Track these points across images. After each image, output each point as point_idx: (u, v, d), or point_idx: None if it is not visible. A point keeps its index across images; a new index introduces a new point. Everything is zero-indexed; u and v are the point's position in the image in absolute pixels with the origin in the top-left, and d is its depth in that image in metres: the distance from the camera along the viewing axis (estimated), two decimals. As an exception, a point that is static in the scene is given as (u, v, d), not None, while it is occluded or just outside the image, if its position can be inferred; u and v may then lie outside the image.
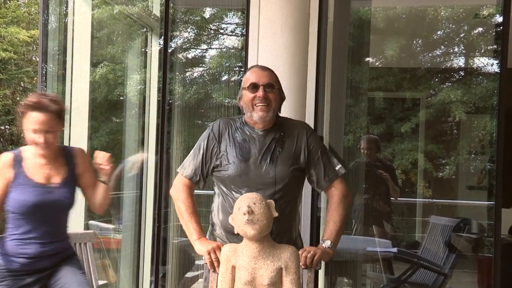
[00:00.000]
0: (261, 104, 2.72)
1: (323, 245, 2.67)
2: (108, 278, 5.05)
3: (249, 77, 2.79)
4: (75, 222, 4.72)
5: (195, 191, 2.89)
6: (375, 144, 5.61)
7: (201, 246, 2.67)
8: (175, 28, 5.27)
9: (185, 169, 2.86)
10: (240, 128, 2.81)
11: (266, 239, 2.40)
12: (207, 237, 2.82)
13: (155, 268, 4.59)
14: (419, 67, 9.25)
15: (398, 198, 6.45)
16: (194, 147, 2.87)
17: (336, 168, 2.81)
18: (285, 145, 2.76)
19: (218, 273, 2.58)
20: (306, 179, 2.86)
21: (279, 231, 2.68)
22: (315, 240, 3.76)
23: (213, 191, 2.88)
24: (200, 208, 2.93)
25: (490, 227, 5.99)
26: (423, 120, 8.49)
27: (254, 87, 2.75)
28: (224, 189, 2.75)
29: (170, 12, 4.65)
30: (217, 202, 2.81)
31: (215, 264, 2.60)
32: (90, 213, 5.17)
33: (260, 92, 2.73)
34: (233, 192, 2.70)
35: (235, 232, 2.46)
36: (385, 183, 5.42)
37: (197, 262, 4.91)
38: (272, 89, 2.76)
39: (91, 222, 5.17)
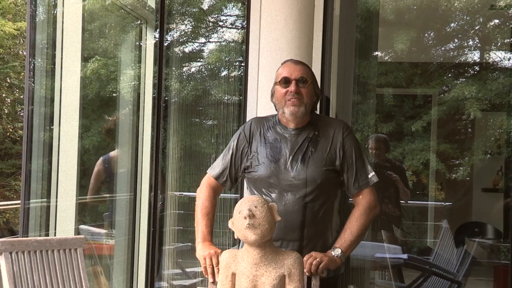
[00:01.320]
0: (292, 99, 2.74)
1: (332, 252, 2.68)
2: (100, 286, 5.06)
3: (282, 72, 2.82)
4: (65, 226, 4.74)
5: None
6: (384, 143, 5.62)
7: (200, 250, 2.69)
8: (171, 20, 5.27)
9: (213, 169, 2.90)
10: (273, 127, 2.83)
11: (268, 244, 2.40)
12: (240, 244, 2.84)
13: (150, 276, 4.60)
14: (431, 62, 9.25)
15: (409, 201, 6.45)
16: (226, 147, 2.91)
17: (369, 176, 2.81)
18: (318, 145, 2.77)
19: (212, 281, 2.60)
20: None
21: (311, 236, 2.70)
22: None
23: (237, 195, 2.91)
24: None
25: (507, 232, 6.00)
26: (435, 118, 8.49)
27: (286, 81, 2.77)
28: (255, 191, 2.79)
29: (166, 3, 4.66)
30: None
31: (209, 270, 2.62)
32: (80, 217, 5.18)
33: (292, 87, 2.75)
34: (264, 196, 2.72)
35: (235, 237, 2.47)
36: (395, 185, 5.43)
37: (193, 269, 4.92)
38: (305, 84, 2.78)
39: (82, 226, 5.18)
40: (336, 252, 2.68)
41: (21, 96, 13.56)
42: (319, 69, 3.82)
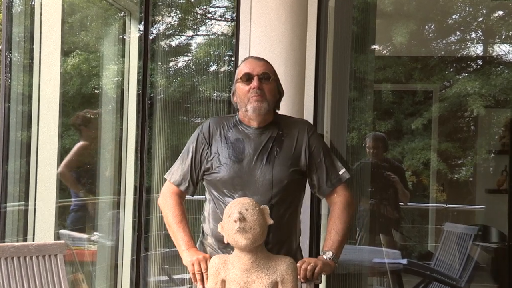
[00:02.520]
0: (255, 96, 2.75)
1: (324, 256, 2.69)
2: (82, 294, 5.05)
3: (243, 68, 2.82)
4: (44, 231, 4.73)
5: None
6: (382, 142, 5.64)
7: (187, 257, 2.69)
8: (156, 12, 5.27)
9: (172, 175, 2.90)
10: (234, 127, 2.84)
11: (259, 249, 2.40)
12: (197, 246, 2.84)
13: (135, 283, 4.60)
14: (431, 56, 9.28)
15: (408, 203, 6.47)
16: (183, 150, 2.90)
17: (340, 173, 2.84)
18: (283, 145, 2.79)
19: (203, 288, 2.60)
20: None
21: (277, 241, 2.70)
22: (315, 251, 3.78)
23: (204, 197, 2.91)
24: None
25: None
26: (436, 115, 8.51)
27: (248, 78, 2.78)
28: (216, 193, 2.78)
29: (151, -6, 4.65)
30: (208, 208, 2.84)
31: (198, 276, 2.62)
32: (61, 222, 5.17)
33: (254, 83, 2.76)
34: (226, 197, 2.72)
35: (225, 242, 2.47)
36: (394, 186, 5.44)
37: (181, 276, 4.92)
38: (268, 80, 2.80)
39: (62, 231, 5.17)
40: (328, 255, 2.70)
41: (-3, 93, 13.52)
42: (313, 64, 3.82)
